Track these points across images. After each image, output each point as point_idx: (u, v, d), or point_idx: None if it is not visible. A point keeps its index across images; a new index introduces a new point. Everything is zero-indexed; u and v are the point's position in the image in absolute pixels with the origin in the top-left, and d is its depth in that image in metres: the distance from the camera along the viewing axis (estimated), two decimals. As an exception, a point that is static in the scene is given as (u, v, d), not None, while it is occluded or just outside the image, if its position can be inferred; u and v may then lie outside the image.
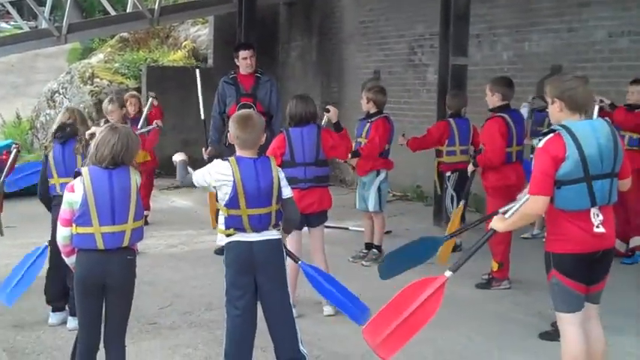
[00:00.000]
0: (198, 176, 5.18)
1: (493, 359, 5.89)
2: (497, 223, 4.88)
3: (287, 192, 5.18)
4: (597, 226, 4.54)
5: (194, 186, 5.29)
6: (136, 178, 4.81)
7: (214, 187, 5.08)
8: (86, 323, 4.86)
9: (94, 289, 4.77)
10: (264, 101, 9.01)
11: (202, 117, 9.71)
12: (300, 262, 5.73)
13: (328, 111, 7.22)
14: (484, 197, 7.86)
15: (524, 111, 8.64)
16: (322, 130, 6.80)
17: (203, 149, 9.33)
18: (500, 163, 7.45)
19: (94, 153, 4.79)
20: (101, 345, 4.90)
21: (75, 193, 4.74)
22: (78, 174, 4.79)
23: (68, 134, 6.36)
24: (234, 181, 4.94)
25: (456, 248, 9.22)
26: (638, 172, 8.27)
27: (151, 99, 10.34)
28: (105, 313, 4.84)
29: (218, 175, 5.01)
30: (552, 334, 6.18)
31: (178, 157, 5.54)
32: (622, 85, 9.02)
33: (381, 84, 11.48)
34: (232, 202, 4.98)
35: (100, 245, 4.71)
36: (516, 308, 7.01)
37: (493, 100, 7.61)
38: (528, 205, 4.59)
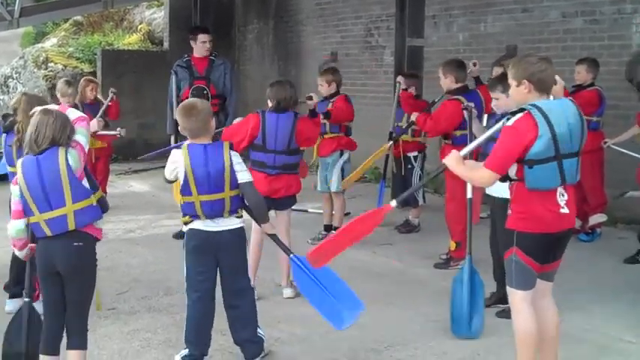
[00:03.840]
0: (166, 172, 5.23)
1: (449, 337, 5.95)
2: (450, 160, 4.74)
3: (243, 177, 5.13)
4: (563, 207, 4.59)
5: (166, 180, 5.33)
6: (65, 158, 4.65)
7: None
8: (48, 309, 4.89)
9: (50, 275, 4.76)
10: (218, 84, 9.03)
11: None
12: (291, 256, 5.56)
13: (311, 98, 7.18)
14: (442, 178, 7.89)
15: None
16: (299, 120, 6.74)
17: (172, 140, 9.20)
18: (432, 134, 7.92)
19: (33, 137, 4.67)
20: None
21: (17, 185, 4.73)
22: None
23: (8, 125, 6.23)
24: (185, 167, 4.98)
25: (413, 229, 9.32)
26: (591, 153, 8.45)
27: (111, 94, 10.24)
28: (65, 299, 4.84)
29: (174, 164, 5.07)
30: (508, 312, 6.22)
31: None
32: (576, 65, 9.12)
33: (335, 65, 11.50)
34: (185, 189, 5.04)
35: (48, 232, 4.68)
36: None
37: (447, 82, 7.70)
38: (479, 175, 4.62)
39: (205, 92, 8.82)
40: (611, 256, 8.08)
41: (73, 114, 4.95)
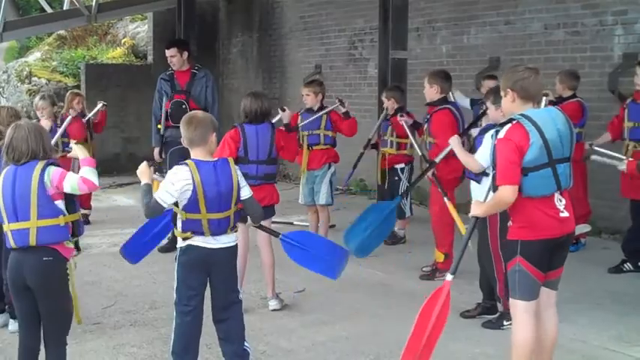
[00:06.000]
0: (164, 195, 4.87)
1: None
2: (477, 209, 4.85)
3: (245, 192, 5.11)
4: (562, 211, 4.64)
5: (161, 207, 4.90)
6: (40, 174, 4.66)
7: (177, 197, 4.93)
8: (21, 323, 4.89)
9: (21, 289, 4.75)
10: (200, 98, 8.91)
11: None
12: (280, 237, 6.23)
13: (284, 110, 7.23)
14: (427, 189, 7.92)
15: (460, 99, 8.74)
16: (277, 130, 6.82)
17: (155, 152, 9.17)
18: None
19: (10, 154, 4.72)
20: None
21: None
22: None
23: None
24: (194, 185, 4.87)
25: (399, 241, 9.32)
26: (574, 163, 8.48)
27: (100, 105, 10.45)
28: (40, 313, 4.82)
29: (182, 183, 4.87)
30: (495, 323, 6.28)
31: (144, 178, 5.04)
32: (558, 76, 9.18)
33: (320, 78, 11.52)
34: (192, 206, 4.92)
35: (12, 243, 4.70)
36: (459, 297, 7.06)
37: (431, 92, 7.68)
38: (499, 194, 4.57)
39: (184, 107, 8.72)
40: (595, 266, 8.12)
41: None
